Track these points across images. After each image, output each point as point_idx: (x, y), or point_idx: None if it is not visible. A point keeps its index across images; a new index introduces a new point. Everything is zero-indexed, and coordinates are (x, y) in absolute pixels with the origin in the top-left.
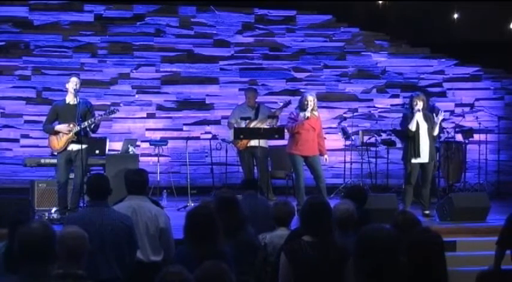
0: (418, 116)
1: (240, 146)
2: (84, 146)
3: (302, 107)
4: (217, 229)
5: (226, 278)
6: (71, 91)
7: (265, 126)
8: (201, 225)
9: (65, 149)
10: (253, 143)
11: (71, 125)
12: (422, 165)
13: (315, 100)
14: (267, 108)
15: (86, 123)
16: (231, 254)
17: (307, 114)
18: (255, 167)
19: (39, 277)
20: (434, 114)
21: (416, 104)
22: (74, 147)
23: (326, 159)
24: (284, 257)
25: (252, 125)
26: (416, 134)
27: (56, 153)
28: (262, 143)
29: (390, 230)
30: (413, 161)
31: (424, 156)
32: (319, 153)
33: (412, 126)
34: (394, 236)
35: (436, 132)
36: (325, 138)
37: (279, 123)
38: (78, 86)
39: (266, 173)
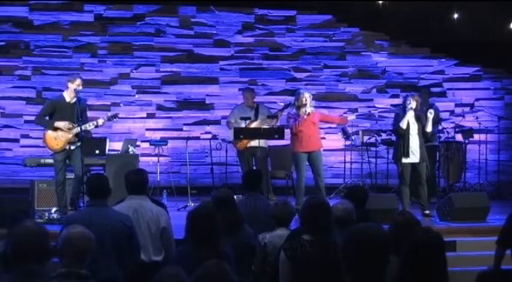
0: (410, 115)
1: (239, 146)
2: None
3: (299, 104)
4: (218, 229)
5: (228, 278)
6: (72, 91)
7: (266, 127)
8: (202, 226)
9: (64, 149)
10: (253, 143)
11: (70, 125)
12: (414, 165)
13: (311, 96)
14: (266, 108)
15: (87, 126)
16: (231, 254)
17: (308, 110)
18: (255, 167)
19: (32, 276)
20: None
21: (410, 103)
22: (72, 146)
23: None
24: (284, 255)
25: (253, 125)
26: (406, 134)
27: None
28: (262, 143)
29: (381, 228)
30: (404, 160)
31: (414, 157)
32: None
33: (403, 124)
34: (384, 234)
35: (429, 128)
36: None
37: (278, 124)
38: (80, 87)
39: (266, 173)
